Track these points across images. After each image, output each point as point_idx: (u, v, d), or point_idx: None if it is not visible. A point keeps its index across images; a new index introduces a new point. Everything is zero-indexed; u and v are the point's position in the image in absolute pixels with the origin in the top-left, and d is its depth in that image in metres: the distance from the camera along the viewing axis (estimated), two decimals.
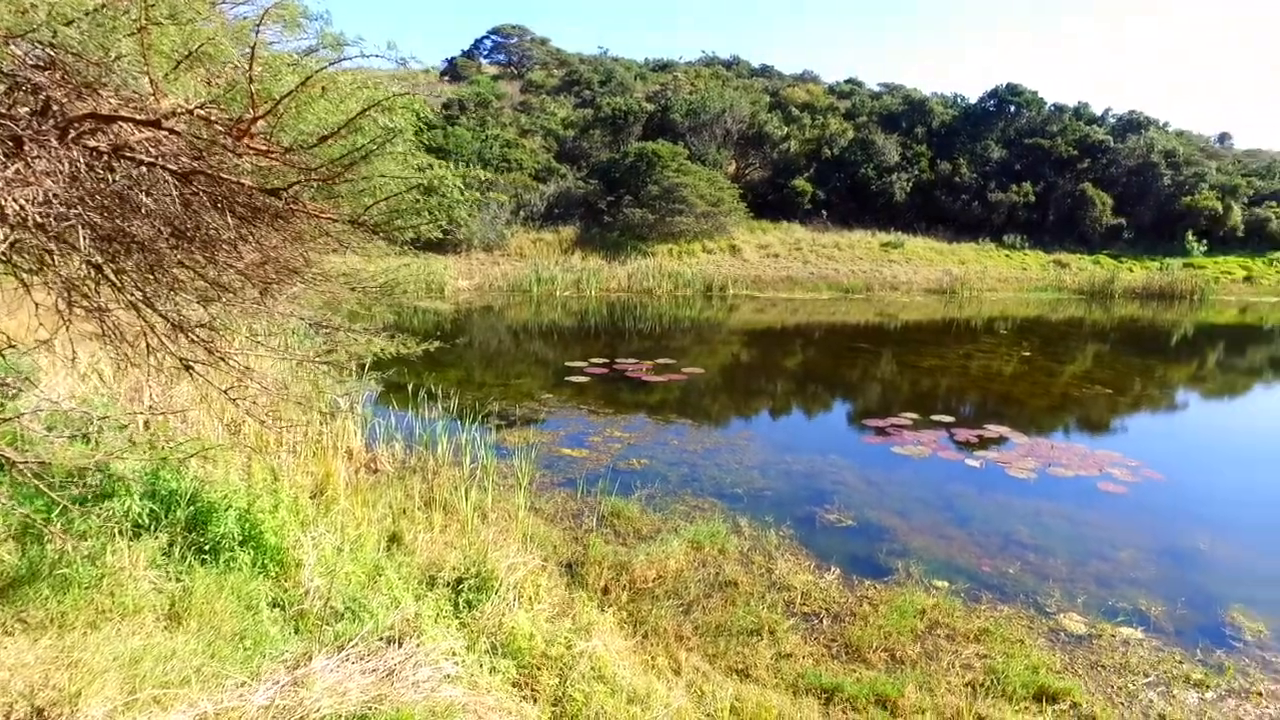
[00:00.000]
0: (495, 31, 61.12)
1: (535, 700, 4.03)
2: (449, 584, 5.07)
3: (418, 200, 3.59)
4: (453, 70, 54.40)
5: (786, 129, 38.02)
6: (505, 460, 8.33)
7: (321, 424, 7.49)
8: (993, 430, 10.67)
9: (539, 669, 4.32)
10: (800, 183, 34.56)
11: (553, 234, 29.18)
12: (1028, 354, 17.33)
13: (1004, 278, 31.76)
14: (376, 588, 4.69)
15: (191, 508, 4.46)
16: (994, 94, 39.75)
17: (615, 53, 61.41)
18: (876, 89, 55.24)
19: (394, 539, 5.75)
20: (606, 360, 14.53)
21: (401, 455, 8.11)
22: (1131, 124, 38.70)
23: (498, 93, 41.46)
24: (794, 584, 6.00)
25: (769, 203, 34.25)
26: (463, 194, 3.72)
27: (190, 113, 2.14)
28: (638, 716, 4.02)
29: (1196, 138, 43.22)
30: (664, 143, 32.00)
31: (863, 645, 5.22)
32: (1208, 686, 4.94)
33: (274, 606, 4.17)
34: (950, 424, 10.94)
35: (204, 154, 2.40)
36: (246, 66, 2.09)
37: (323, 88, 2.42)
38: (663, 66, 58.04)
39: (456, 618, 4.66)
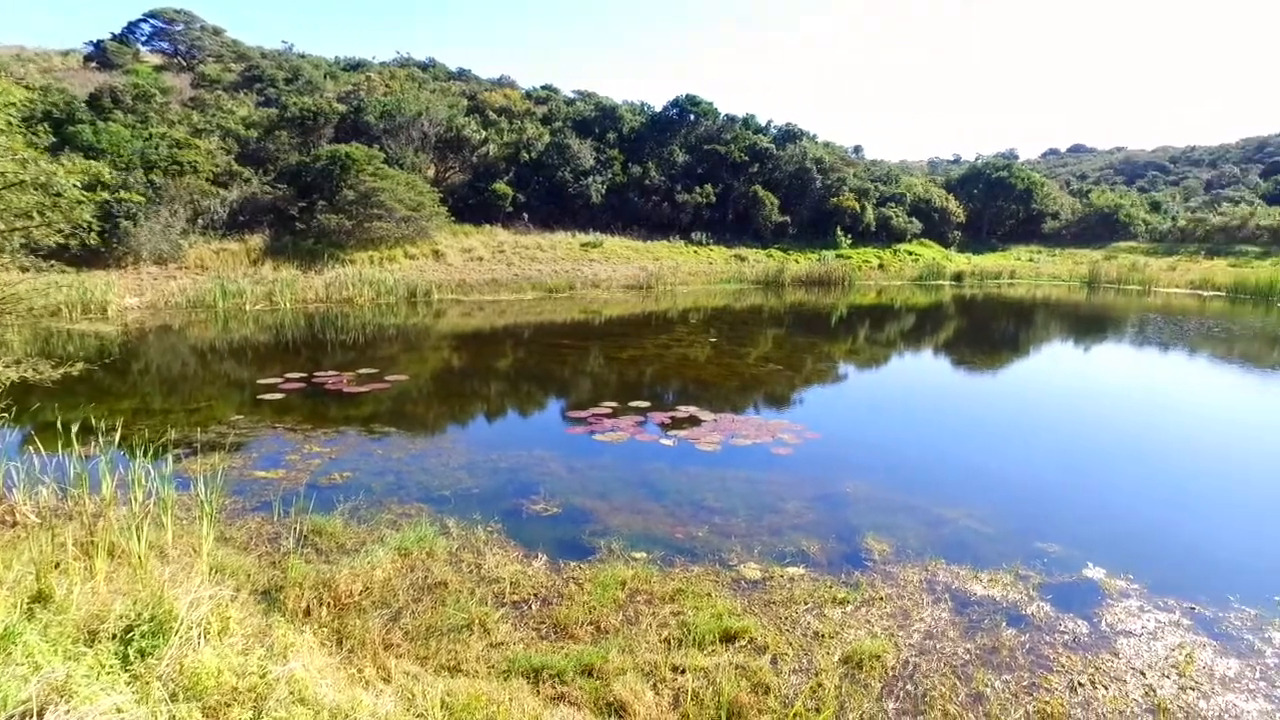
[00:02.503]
0: (154, 15, 53.82)
1: None
2: (115, 635, 4.51)
3: (35, 201, 3.15)
4: (102, 55, 47.29)
5: (485, 133, 38.21)
6: (189, 492, 7.54)
7: None
8: (684, 411, 11.69)
9: (229, 705, 4.02)
10: (500, 186, 34.91)
11: (239, 243, 26.62)
12: (714, 340, 19.18)
13: (694, 272, 34.71)
14: (10, 658, 4.04)
15: None
16: (676, 103, 43.12)
17: (301, 49, 57.45)
18: (571, 95, 57.38)
19: (40, 597, 4.96)
20: (305, 375, 13.65)
21: (53, 501, 7.01)
22: (789, 134, 44.18)
23: (162, 85, 36.77)
24: (503, 576, 6.15)
25: (470, 206, 34.21)
26: (92, 194, 3.32)
27: None
28: None
29: (838, 148, 50.46)
30: (358, 146, 30.58)
31: (570, 622, 5.50)
32: (848, 602, 5.91)
33: None
34: (647, 409, 11.79)
35: None
36: None
37: None
38: (355, 66, 55.41)
39: (126, 670, 4.17)
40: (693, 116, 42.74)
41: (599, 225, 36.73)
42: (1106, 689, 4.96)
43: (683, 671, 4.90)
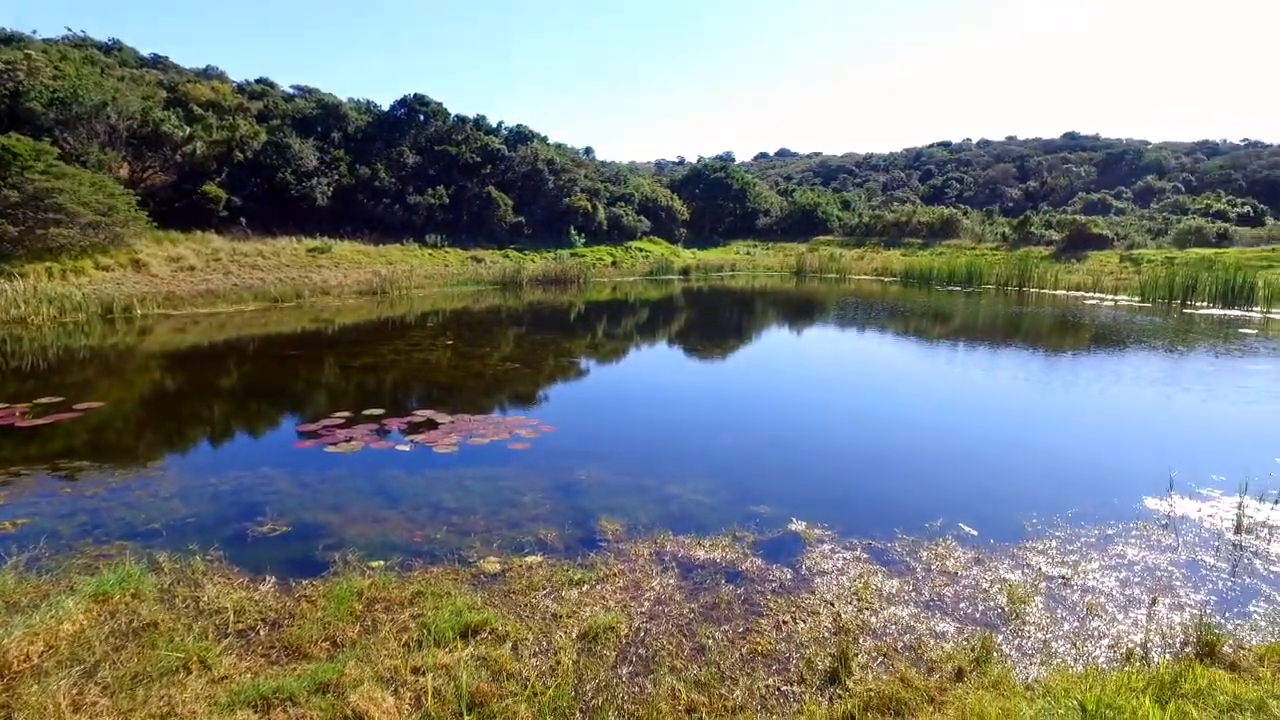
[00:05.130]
0: None
1: None
2: None
3: None
4: None
5: (190, 129, 34.41)
6: None
7: None
8: (420, 415, 11.54)
9: None
10: (212, 188, 31.79)
11: None
12: (451, 342, 19.02)
13: (430, 275, 34.00)
14: None
15: None
16: (404, 103, 41.89)
17: None
18: (290, 91, 53.65)
19: None
20: None
21: None
22: (521, 135, 44.65)
23: None
24: (226, 605, 5.75)
25: (177, 210, 30.80)
26: None
27: None
28: None
29: (570, 149, 51.88)
30: (21, 138, 26.17)
31: (303, 642, 5.30)
32: (584, 582, 6.27)
33: None
34: (382, 416, 11.49)
35: None
36: None
37: None
38: (7, 40, 47.07)
39: None
40: (422, 117, 41.77)
41: (327, 229, 34.72)
42: (805, 622, 5.74)
43: (424, 672, 4.93)
